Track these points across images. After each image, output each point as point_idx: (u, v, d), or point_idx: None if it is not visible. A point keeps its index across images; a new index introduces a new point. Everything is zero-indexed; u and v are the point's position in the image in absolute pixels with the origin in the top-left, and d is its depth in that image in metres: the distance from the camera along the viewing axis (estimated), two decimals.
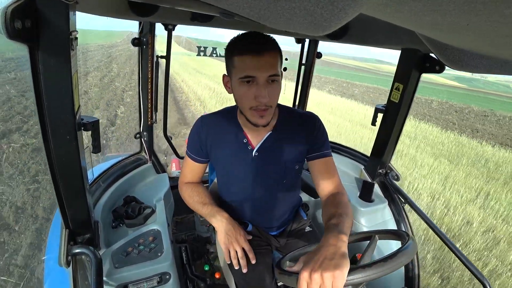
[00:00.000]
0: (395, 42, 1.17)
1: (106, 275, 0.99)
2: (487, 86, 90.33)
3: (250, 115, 0.97)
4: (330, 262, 0.71)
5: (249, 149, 1.10)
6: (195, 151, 1.17)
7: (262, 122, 0.98)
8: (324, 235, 0.83)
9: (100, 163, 1.78)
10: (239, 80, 0.92)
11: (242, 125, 1.10)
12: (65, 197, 0.81)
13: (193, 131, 1.15)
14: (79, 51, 0.85)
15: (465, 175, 6.05)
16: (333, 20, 0.31)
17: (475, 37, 0.36)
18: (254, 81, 0.91)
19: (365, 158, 1.81)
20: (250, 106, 0.95)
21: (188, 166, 1.22)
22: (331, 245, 0.77)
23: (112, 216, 1.31)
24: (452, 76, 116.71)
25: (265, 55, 0.89)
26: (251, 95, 0.92)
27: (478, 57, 0.56)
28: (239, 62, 0.91)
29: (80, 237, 0.91)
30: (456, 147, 8.33)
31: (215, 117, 1.15)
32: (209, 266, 1.57)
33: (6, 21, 0.53)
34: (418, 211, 1.39)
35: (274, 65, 0.91)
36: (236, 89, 0.96)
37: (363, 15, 0.34)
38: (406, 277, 1.43)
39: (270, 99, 0.93)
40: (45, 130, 0.71)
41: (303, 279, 0.72)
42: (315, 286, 0.70)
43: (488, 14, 0.25)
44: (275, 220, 1.24)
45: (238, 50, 0.91)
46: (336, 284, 0.69)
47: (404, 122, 1.45)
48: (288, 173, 1.15)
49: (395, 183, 1.58)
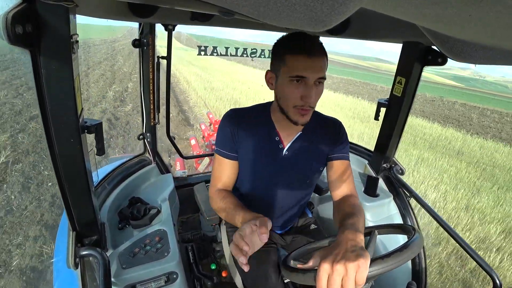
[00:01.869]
0: (396, 35, 1.16)
1: (114, 276, 1.00)
2: (484, 86, 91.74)
3: (292, 113, 0.99)
4: (352, 254, 0.70)
5: (280, 147, 1.11)
6: (227, 145, 1.10)
7: (303, 121, 1.00)
8: (341, 232, 0.83)
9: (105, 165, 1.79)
10: (289, 78, 0.94)
11: (276, 123, 1.10)
12: (71, 199, 0.82)
13: (222, 125, 1.11)
14: (86, 45, 0.85)
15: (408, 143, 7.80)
16: (334, 15, 0.30)
17: (477, 28, 0.36)
18: (303, 81, 0.93)
19: (369, 153, 1.80)
20: (295, 104, 0.96)
21: (219, 166, 1.13)
22: (350, 240, 0.77)
23: (118, 218, 1.32)
24: (450, 76, 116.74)
25: (316, 57, 0.91)
26: (299, 94, 0.94)
27: (481, 48, 0.55)
28: (292, 61, 0.93)
29: (87, 239, 0.91)
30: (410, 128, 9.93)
31: (246, 112, 1.14)
32: (216, 264, 1.58)
33: (7, 26, 0.53)
34: (423, 204, 1.38)
35: (323, 67, 0.94)
36: (283, 86, 0.97)
37: (364, 9, 0.34)
38: (413, 271, 1.43)
39: (314, 100, 0.96)
40: (49, 134, 0.71)
41: (324, 271, 0.69)
42: (337, 277, 0.67)
43: (491, 5, 0.25)
44: (284, 217, 1.25)
45: (292, 49, 0.93)
46: (360, 274, 0.67)
47: (408, 115, 1.44)
48: (312, 174, 1.16)
49: (399, 177, 1.57)
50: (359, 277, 0.66)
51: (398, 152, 3.79)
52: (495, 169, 6.86)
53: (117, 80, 12.51)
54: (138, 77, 1.58)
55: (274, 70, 1.01)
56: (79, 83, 0.76)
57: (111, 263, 0.96)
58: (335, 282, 0.67)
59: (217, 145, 1.13)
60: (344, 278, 0.67)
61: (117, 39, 50.67)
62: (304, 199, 1.26)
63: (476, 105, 22.14)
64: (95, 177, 0.95)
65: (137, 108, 7.74)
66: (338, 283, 0.67)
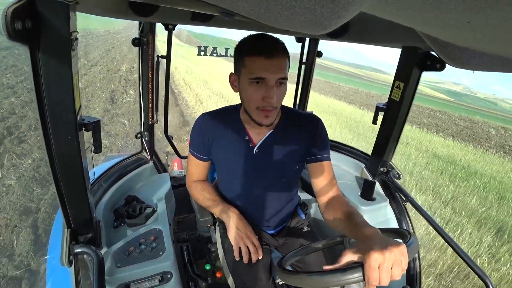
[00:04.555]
0: (396, 40, 1.17)
1: (108, 275, 0.99)
2: (475, 102, 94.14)
3: (255, 114, 1.00)
4: (391, 244, 0.72)
5: (250, 146, 1.11)
6: (198, 149, 1.17)
7: (267, 122, 1.00)
8: (358, 229, 0.86)
9: (102, 163, 1.78)
10: (249, 80, 0.95)
11: (244, 123, 1.12)
12: (67, 197, 0.82)
13: (194, 129, 1.16)
14: (93, 35, 0.85)
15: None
16: (334, 18, 0.30)
17: (476, 35, 0.36)
18: (264, 82, 0.93)
19: (366, 157, 1.81)
20: (257, 106, 0.97)
21: (192, 164, 1.23)
22: (377, 233, 0.80)
23: (113, 216, 1.31)
24: (443, 90, 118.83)
25: (276, 58, 0.91)
26: (260, 95, 0.95)
27: (479, 55, 0.55)
28: (251, 62, 0.93)
29: (82, 236, 0.91)
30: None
31: (217, 115, 1.16)
32: (211, 265, 1.57)
33: (6, 22, 0.53)
34: (419, 209, 1.39)
35: (283, 68, 0.94)
36: (245, 89, 0.98)
37: (364, 13, 0.34)
38: (407, 276, 1.43)
39: (277, 101, 0.96)
40: (47, 130, 0.71)
41: (375, 261, 0.68)
42: (388, 265, 0.69)
43: (490, 11, 0.25)
44: (273, 218, 1.25)
45: (250, 51, 0.93)
46: (404, 261, 0.71)
47: (405, 120, 1.44)
48: (287, 172, 1.16)
49: (396, 182, 1.58)
50: (404, 263, 0.70)
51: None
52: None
53: (126, 61, 15.20)
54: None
55: (236, 72, 1.02)
56: (78, 80, 0.76)
57: (105, 261, 0.95)
58: (387, 270, 0.69)
59: (190, 146, 1.19)
60: (394, 265, 0.69)
61: (118, 31, 51.98)
62: (289, 200, 1.27)
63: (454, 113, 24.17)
64: (91, 174, 0.94)
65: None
66: (389, 270, 0.69)
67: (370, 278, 0.69)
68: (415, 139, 9.95)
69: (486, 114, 36.92)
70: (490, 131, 17.10)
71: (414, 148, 8.62)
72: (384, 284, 0.70)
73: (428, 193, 5.12)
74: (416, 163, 6.81)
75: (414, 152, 8.01)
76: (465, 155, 9.12)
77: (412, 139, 9.76)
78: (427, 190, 5.26)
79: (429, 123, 16.18)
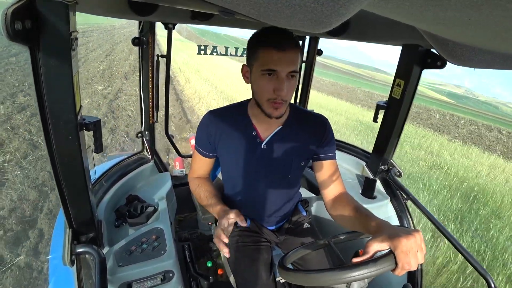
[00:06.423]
0: (396, 37, 1.16)
1: (110, 274, 1.00)
2: (476, 105, 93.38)
3: (266, 106, 1.01)
4: (411, 232, 0.76)
5: (258, 141, 1.12)
6: (204, 145, 1.17)
7: (276, 114, 1.01)
8: (372, 220, 0.89)
9: (103, 163, 1.78)
10: (261, 72, 0.96)
11: (252, 118, 1.12)
12: (68, 196, 0.82)
13: (201, 125, 1.16)
14: (100, 28, 0.86)
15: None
16: (334, 16, 0.30)
17: (477, 32, 0.36)
18: (275, 74, 0.95)
19: (367, 155, 1.80)
20: (268, 98, 0.98)
21: (196, 161, 1.23)
22: (389, 223, 0.85)
23: (115, 215, 1.31)
24: (444, 92, 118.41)
25: (288, 51, 0.93)
26: (271, 87, 0.96)
27: (480, 52, 0.55)
28: (263, 54, 0.94)
29: (83, 236, 0.91)
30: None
31: (224, 112, 1.16)
32: (212, 262, 1.58)
33: (6, 22, 0.53)
34: (420, 207, 1.39)
35: (295, 61, 0.95)
36: (256, 80, 1.00)
37: (364, 11, 0.34)
38: (408, 273, 1.43)
39: (287, 94, 0.98)
40: (47, 130, 0.71)
41: (406, 247, 0.72)
42: (415, 249, 0.73)
43: (490, 9, 0.25)
44: (275, 214, 1.25)
45: (264, 43, 0.95)
46: (424, 246, 0.75)
47: (406, 118, 1.44)
48: (293, 169, 1.17)
49: (397, 180, 1.58)
50: (424, 248, 0.75)
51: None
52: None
53: (133, 52, 17.18)
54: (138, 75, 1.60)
55: (248, 64, 1.03)
56: (78, 80, 0.76)
57: (107, 260, 0.95)
58: (415, 254, 0.73)
59: (196, 143, 1.19)
60: (418, 250, 0.74)
61: (121, 26, 52.64)
62: (292, 196, 1.27)
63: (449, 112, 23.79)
64: (92, 174, 0.94)
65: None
66: (416, 255, 0.73)
67: (404, 263, 0.72)
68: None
69: (489, 118, 36.73)
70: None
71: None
72: (413, 269, 0.73)
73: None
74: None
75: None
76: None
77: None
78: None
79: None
